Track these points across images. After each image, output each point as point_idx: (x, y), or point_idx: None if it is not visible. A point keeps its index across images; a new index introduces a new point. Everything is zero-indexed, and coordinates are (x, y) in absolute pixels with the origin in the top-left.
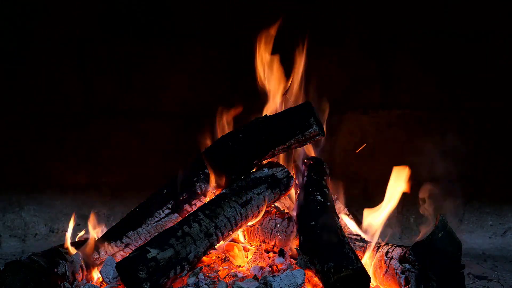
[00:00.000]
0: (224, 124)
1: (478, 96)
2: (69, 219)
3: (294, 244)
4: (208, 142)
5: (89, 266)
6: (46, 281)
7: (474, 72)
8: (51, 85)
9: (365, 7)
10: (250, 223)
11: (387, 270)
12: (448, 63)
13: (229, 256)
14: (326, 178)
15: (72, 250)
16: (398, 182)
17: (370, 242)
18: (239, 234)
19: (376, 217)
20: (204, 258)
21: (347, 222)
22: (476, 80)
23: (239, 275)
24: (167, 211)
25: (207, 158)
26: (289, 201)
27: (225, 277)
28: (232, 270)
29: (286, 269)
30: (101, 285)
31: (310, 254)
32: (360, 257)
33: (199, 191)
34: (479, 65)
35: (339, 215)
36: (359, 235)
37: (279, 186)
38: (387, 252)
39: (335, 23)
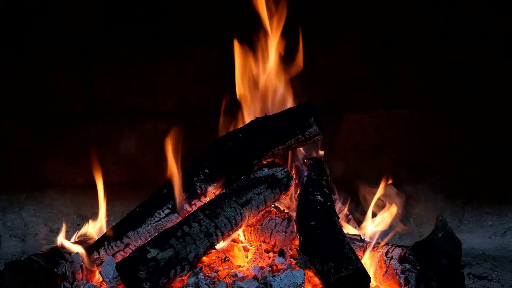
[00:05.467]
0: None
1: (478, 96)
2: (70, 219)
3: (294, 244)
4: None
5: (89, 266)
6: (46, 281)
7: (473, 72)
8: (51, 85)
9: (366, 7)
10: (249, 223)
11: (387, 270)
12: (447, 63)
13: (229, 256)
14: (326, 178)
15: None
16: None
17: (370, 242)
18: (239, 234)
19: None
20: (204, 258)
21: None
22: (476, 80)
23: (239, 275)
24: (167, 211)
25: (207, 158)
26: (289, 201)
27: (225, 277)
28: (232, 270)
29: (286, 269)
30: (101, 285)
31: (310, 254)
32: (360, 257)
33: (199, 191)
34: (478, 65)
35: (339, 215)
36: (359, 235)
37: (279, 186)
38: (387, 252)
39: (335, 24)
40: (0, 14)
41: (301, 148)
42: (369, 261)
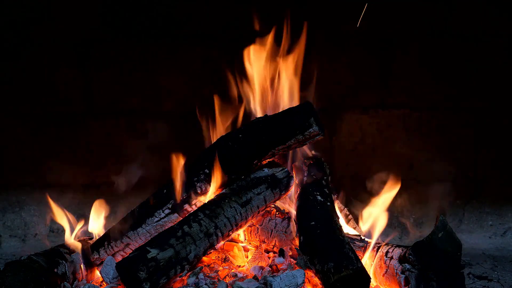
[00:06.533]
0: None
1: (477, 96)
2: (69, 219)
3: (294, 244)
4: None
5: (89, 266)
6: (46, 281)
7: (473, 72)
8: (51, 85)
9: (366, 8)
10: (249, 223)
11: (387, 270)
12: (447, 63)
13: (229, 256)
14: (326, 178)
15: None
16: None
17: (370, 242)
18: (239, 234)
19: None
20: (204, 258)
21: (347, 228)
22: (476, 80)
23: (239, 275)
24: (167, 211)
25: (208, 158)
26: (289, 201)
27: (225, 277)
28: (232, 270)
29: (286, 269)
30: (101, 285)
31: (310, 254)
32: (360, 257)
33: (199, 191)
34: (478, 65)
35: (339, 215)
36: (359, 235)
37: (279, 186)
38: (387, 252)
39: (335, 24)
40: (0, 14)
41: (301, 148)
42: (369, 261)
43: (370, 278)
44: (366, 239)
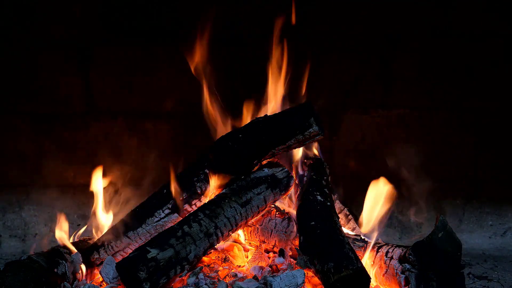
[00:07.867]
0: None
1: (478, 96)
2: (70, 219)
3: (294, 244)
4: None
5: (89, 266)
6: (46, 281)
7: (473, 72)
8: (51, 85)
9: (366, 8)
10: (250, 223)
11: (387, 270)
12: (448, 63)
13: (229, 256)
14: (326, 178)
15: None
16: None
17: (370, 242)
18: (239, 234)
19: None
20: (204, 258)
21: (347, 228)
22: (476, 80)
23: (239, 275)
24: (167, 211)
25: (207, 158)
26: (289, 201)
27: (225, 277)
28: (232, 270)
29: (286, 269)
30: (101, 285)
31: (310, 254)
32: (360, 257)
33: (199, 191)
34: (478, 65)
35: (339, 215)
36: (359, 235)
37: (279, 186)
38: (387, 252)
39: (335, 24)
40: (0, 14)
41: (301, 148)
42: (369, 261)
43: (370, 278)
44: (366, 239)
